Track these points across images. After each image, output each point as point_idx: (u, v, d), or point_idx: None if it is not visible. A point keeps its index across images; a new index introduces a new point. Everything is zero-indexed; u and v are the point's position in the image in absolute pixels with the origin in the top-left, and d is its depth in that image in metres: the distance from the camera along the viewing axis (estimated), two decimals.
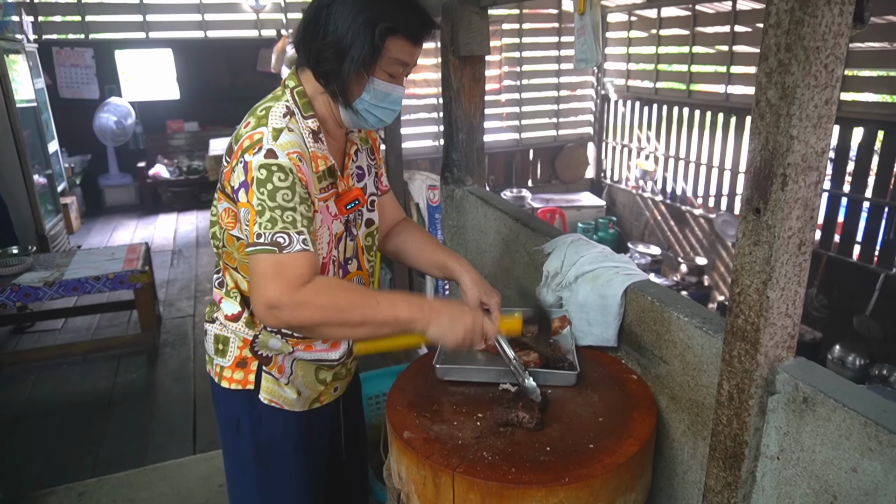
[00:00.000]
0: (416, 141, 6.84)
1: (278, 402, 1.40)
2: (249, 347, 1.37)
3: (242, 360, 1.38)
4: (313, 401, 1.46)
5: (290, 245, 1.14)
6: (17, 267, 3.56)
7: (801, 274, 1.02)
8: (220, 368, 1.40)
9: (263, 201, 1.14)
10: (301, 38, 1.25)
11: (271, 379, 1.38)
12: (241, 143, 1.20)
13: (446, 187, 2.47)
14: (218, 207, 1.32)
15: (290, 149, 1.18)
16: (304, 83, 1.30)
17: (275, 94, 1.30)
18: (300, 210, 1.16)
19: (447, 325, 1.22)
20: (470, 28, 2.15)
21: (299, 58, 1.29)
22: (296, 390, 1.41)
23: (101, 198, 7.65)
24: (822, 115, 0.94)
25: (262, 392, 1.38)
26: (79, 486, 2.62)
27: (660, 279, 5.49)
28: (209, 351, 1.44)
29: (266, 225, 1.14)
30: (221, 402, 1.44)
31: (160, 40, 7.47)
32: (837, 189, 4.72)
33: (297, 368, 1.41)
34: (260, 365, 1.38)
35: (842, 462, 0.97)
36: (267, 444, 1.42)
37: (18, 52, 5.40)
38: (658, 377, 1.41)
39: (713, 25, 5.74)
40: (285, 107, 1.24)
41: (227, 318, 1.37)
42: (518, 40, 7.01)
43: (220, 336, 1.40)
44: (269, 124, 1.20)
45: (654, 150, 6.68)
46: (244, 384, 1.38)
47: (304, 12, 1.27)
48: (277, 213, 1.14)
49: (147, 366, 3.78)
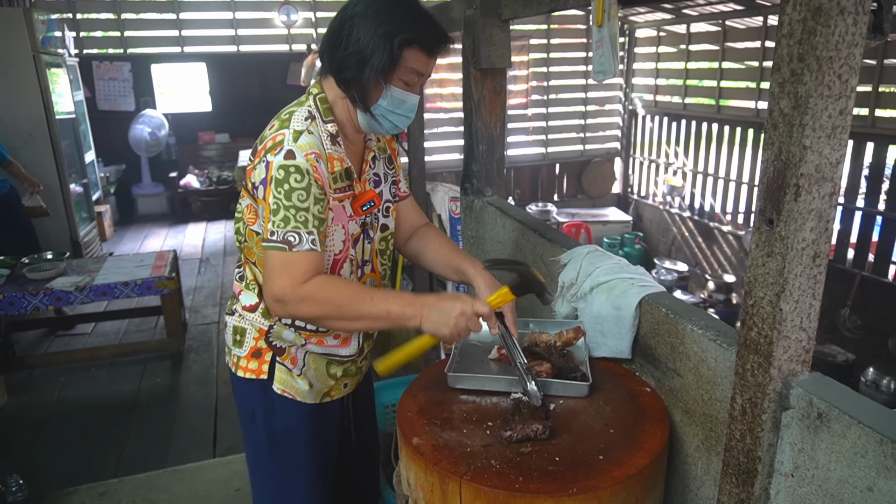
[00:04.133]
0: (442, 154, 6.90)
1: (291, 393, 1.45)
2: (265, 338, 1.43)
3: (257, 350, 1.44)
4: (324, 395, 1.51)
5: (299, 244, 1.23)
6: (51, 272, 3.67)
7: (815, 287, 1.01)
8: (237, 358, 1.47)
9: (279, 200, 1.23)
10: (326, 48, 1.33)
11: (284, 370, 1.44)
12: (265, 144, 1.28)
13: (466, 198, 2.48)
14: (242, 204, 1.40)
15: (309, 150, 1.26)
16: (327, 90, 1.38)
17: (299, 100, 1.38)
18: (313, 210, 1.25)
19: (438, 316, 1.27)
20: (491, 41, 2.17)
21: (323, 66, 1.36)
22: (308, 382, 1.47)
23: (134, 206, 7.86)
24: (837, 126, 0.93)
25: (275, 382, 1.44)
26: (101, 485, 2.67)
27: (686, 296, 5.40)
28: (228, 342, 1.50)
29: (279, 223, 1.23)
30: (238, 392, 1.50)
31: (194, 54, 7.69)
32: (872, 207, 4.61)
33: (309, 361, 1.47)
34: (274, 356, 1.44)
35: (857, 481, 0.94)
36: (280, 434, 1.48)
37: (60, 66, 5.60)
38: (672, 390, 1.39)
39: (743, 41, 5.69)
40: (307, 111, 1.33)
41: (245, 308, 1.44)
42: (546, 55, 7.04)
43: (238, 327, 1.46)
44: (290, 126, 1.28)
45: (682, 165, 6.61)
46: (258, 374, 1.44)
47: (329, 25, 1.35)
48: (291, 212, 1.23)
49: (171, 370, 3.85)
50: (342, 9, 1.32)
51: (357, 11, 1.28)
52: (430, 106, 6.55)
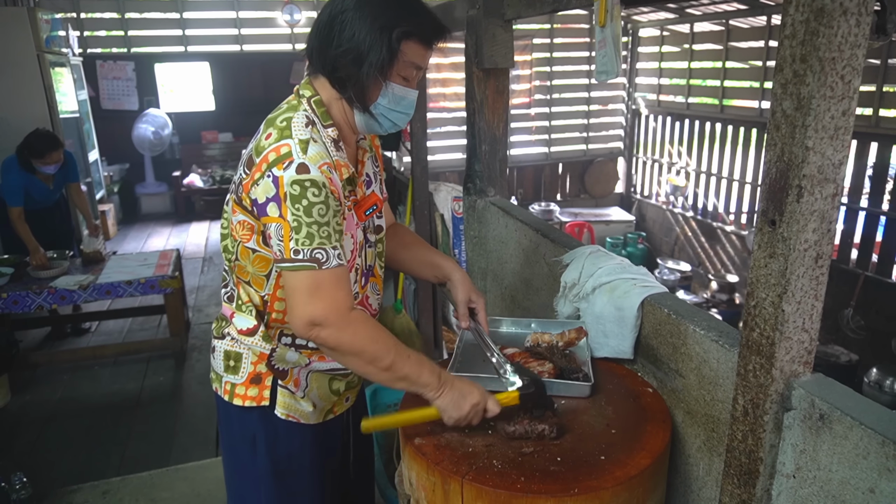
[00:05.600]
0: (445, 154, 6.89)
1: (295, 417, 1.38)
2: (266, 362, 1.35)
3: (257, 375, 1.36)
4: (327, 412, 1.45)
5: (328, 261, 1.16)
6: (55, 270, 3.68)
7: (818, 288, 1.00)
8: (230, 386, 1.37)
9: (299, 217, 1.14)
10: (316, 46, 1.25)
11: (287, 393, 1.37)
12: (266, 156, 1.18)
13: (468, 198, 2.48)
14: (232, 220, 1.29)
15: (320, 161, 1.17)
16: (320, 91, 1.29)
17: (290, 103, 1.28)
18: (333, 224, 1.18)
19: (456, 398, 1.23)
20: (494, 41, 2.17)
21: (313, 66, 1.28)
22: (311, 403, 1.40)
23: (138, 205, 7.89)
24: (839, 127, 0.93)
25: (278, 407, 1.36)
26: (104, 483, 2.68)
27: (689, 296, 5.40)
28: (217, 368, 1.40)
29: (304, 241, 1.15)
30: (234, 420, 1.40)
31: (198, 54, 7.71)
32: (875, 207, 4.60)
33: (311, 381, 1.40)
34: (275, 380, 1.36)
35: (859, 482, 0.94)
36: (285, 459, 1.41)
37: (64, 66, 5.62)
38: (674, 391, 1.39)
39: (747, 40, 5.67)
40: (305, 117, 1.23)
41: (242, 332, 1.34)
42: (549, 54, 7.03)
43: (232, 352, 1.37)
44: (293, 136, 1.18)
45: (685, 165, 6.60)
46: (259, 400, 1.36)
47: (315, 22, 1.27)
48: (314, 228, 1.15)
49: (174, 369, 3.86)
50: (330, 3, 1.24)
51: (348, 5, 1.20)
52: (432, 105, 6.55)
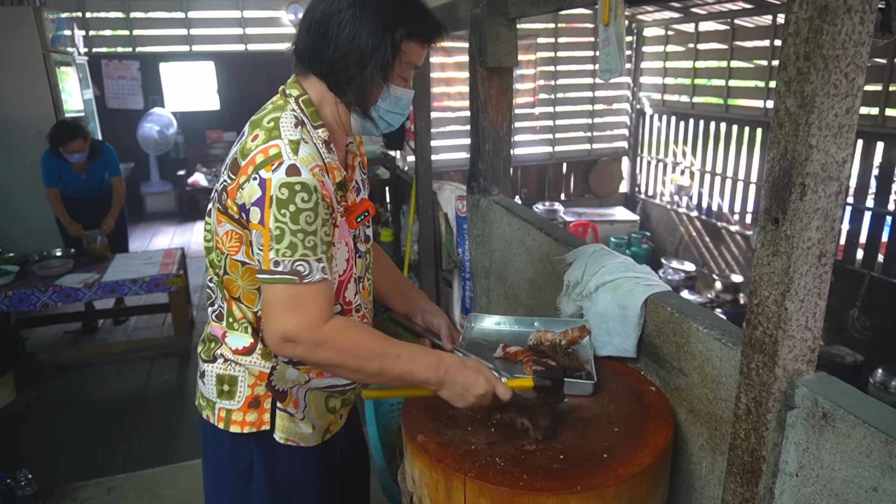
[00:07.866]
0: (449, 153, 6.89)
1: (294, 440, 1.32)
2: (266, 383, 1.27)
3: (255, 399, 1.28)
4: (325, 432, 1.40)
5: (310, 274, 1.09)
6: (60, 269, 3.70)
7: (821, 286, 1.00)
8: (225, 413, 1.29)
9: (283, 224, 1.07)
10: (310, 47, 1.19)
11: (286, 416, 1.30)
12: (253, 158, 1.11)
13: (472, 197, 2.48)
14: (218, 231, 1.21)
15: (312, 162, 1.11)
16: (309, 91, 1.23)
17: (275, 103, 1.22)
18: (320, 234, 1.10)
19: (460, 390, 1.20)
20: (498, 39, 2.17)
21: (302, 66, 1.23)
22: (311, 424, 1.34)
23: (143, 204, 7.92)
24: (843, 125, 0.93)
25: (277, 431, 1.30)
26: (108, 480, 2.70)
27: (693, 296, 5.38)
28: (209, 394, 1.31)
29: (285, 252, 1.07)
30: (226, 448, 1.33)
31: (203, 53, 7.73)
32: (882, 207, 4.57)
33: (309, 400, 1.34)
34: (274, 402, 1.29)
35: (862, 481, 0.94)
36: (285, 484, 1.35)
37: (69, 65, 5.64)
38: (677, 389, 1.39)
39: (752, 39, 5.65)
40: (294, 117, 1.17)
41: (237, 352, 1.26)
42: (553, 54, 7.02)
43: (226, 376, 1.28)
44: (282, 136, 1.12)
45: (690, 165, 6.58)
46: (259, 425, 1.28)
47: (303, 20, 1.21)
48: (299, 237, 1.07)
49: (179, 367, 3.88)
50: (320, 2, 1.17)
51: (345, 5, 1.14)
52: (436, 105, 6.55)
